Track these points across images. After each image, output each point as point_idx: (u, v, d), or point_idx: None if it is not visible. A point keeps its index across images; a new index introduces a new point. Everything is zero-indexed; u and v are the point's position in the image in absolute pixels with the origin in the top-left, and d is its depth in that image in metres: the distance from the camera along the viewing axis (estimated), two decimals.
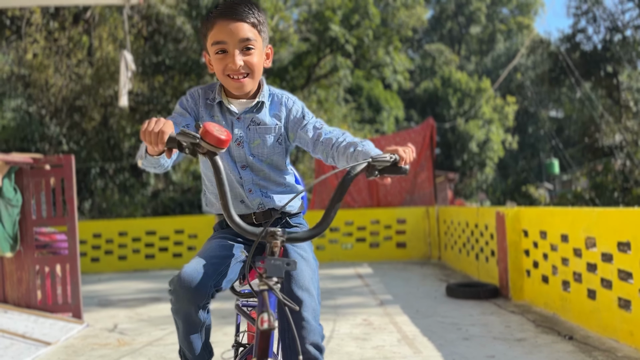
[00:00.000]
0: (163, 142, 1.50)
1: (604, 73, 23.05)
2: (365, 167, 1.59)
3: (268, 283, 1.44)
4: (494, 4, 46.35)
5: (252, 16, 1.83)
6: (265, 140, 1.93)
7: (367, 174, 1.60)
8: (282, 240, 1.52)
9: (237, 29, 1.80)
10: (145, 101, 16.38)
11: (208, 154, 1.54)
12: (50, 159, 4.95)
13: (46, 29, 15.71)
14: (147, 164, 1.75)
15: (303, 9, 21.17)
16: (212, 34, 1.83)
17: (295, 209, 2.04)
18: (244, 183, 1.93)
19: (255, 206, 1.95)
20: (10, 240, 4.71)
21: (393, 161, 1.59)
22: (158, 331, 4.57)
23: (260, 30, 1.86)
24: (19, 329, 4.33)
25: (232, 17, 1.80)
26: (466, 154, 33.82)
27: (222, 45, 1.82)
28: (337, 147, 1.83)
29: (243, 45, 1.82)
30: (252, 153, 1.92)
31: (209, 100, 1.94)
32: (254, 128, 1.92)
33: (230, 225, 1.55)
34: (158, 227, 9.46)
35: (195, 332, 1.81)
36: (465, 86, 35.16)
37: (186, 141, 1.52)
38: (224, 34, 1.80)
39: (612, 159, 17.19)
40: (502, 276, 5.49)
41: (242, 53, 1.82)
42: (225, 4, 1.85)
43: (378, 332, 4.25)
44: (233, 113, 1.91)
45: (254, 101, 1.92)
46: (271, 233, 1.52)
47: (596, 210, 4.00)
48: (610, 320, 3.70)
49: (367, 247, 9.26)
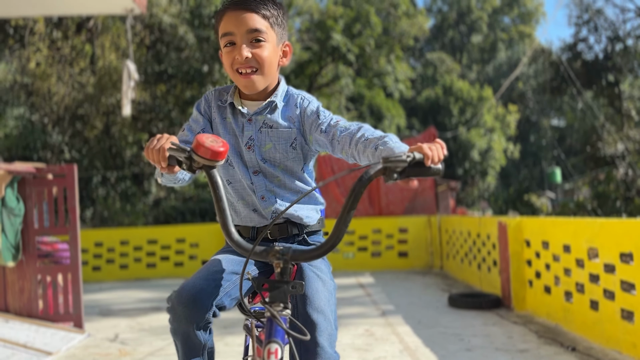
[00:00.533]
0: (165, 159, 1.45)
1: (605, 82, 23.08)
2: (380, 170, 1.34)
3: (271, 311, 1.32)
4: (495, 13, 46.54)
5: (264, 8, 1.71)
6: (277, 145, 1.78)
7: (385, 178, 1.34)
8: (284, 259, 1.36)
9: (245, 19, 1.69)
10: (147, 110, 16.42)
11: (204, 168, 1.43)
12: (52, 169, 4.96)
13: (49, 38, 15.80)
14: (165, 181, 1.69)
15: (305, 18, 21.27)
16: (221, 26, 1.73)
17: (314, 221, 1.85)
18: (256, 189, 1.80)
19: (269, 215, 1.80)
20: (13, 249, 4.71)
21: (411, 161, 1.32)
22: (159, 341, 4.56)
23: (274, 23, 1.74)
24: (21, 338, 4.32)
25: (242, 7, 1.70)
26: (468, 163, 33.83)
27: (230, 36, 1.70)
28: (357, 145, 1.61)
29: (252, 36, 1.69)
30: (264, 157, 1.79)
31: (221, 102, 1.85)
32: (266, 131, 1.78)
33: (228, 242, 1.43)
34: (159, 236, 9.46)
35: (196, 355, 1.66)
36: (466, 95, 35.24)
37: (180, 156, 1.42)
38: (232, 24, 1.70)
39: (614, 169, 17.18)
40: (504, 286, 5.47)
41: (250, 45, 1.70)
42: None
43: (380, 342, 4.24)
44: (244, 114, 1.80)
45: (266, 102, 1.79)
46: (273, 251, 1.37)
47: (598, 221, 3.99)
48: (613, 332, 3.69)
49: (369, 257, 9.24)
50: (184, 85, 16.62)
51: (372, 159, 1.56)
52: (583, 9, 23.89)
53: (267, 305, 1.34)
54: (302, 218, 1.81)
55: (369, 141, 1.57)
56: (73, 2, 7.40)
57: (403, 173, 1.34)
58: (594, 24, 23.58)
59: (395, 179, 1.33)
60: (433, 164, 1.34)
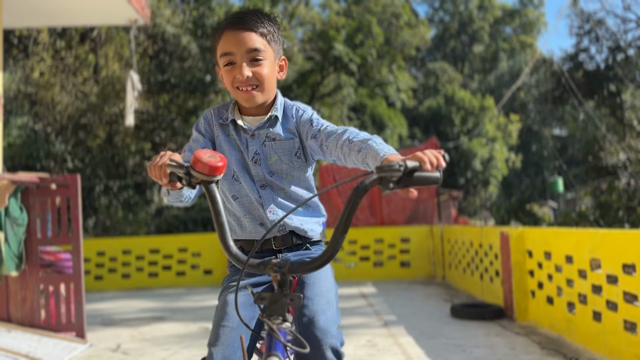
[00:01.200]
0: (166, 175, 1.47)
1: (607, 92, 23.11)
2: (376, 180, 1.32)
3: (270, 324, 1.31)
4: (497, 23, 46.74)
5: (262, 26, 1.74)
6: (282, 156, 1.82)
7: (382, 188, 1.31)
8: (282, 272, 1.35)
9: (244, 39, 1.72)
10: (150, 119, 16.49)
11: (202, 183, 1.45)
12: (56, 179, 4.98)
13: (53, 48, 15.89)
14: (172, 200, 1.70)
15: (307, 28, 21.38)
16: (220, 45, 1.75)
17: (317, 235, 1.87)
18: (264, 203, 1.81)
19: (276, 228, 1.80)
20: (16, 259, 4.72)
21: (405, 170, 1.28)
22: (161, 351, 4.56)
23: (271, 40, 1.77)
24: (23, 348, 4.32)
25: (240, 26, 1.72)
26: (470, 172, 33.84)
27: (230, 56, 1.73)
28: (342, 148, 1.64)
29: (251, 55, 1.73)
30: (271, 170, 1.82)
31: (222, 119, 1.86)
32: (270, 144, 1.81)
33: (226, 255, 1.43)
34: (162, 245, 9.46)
35: None
36: (468, 104, 35.32)
37: (179, 172, 1.44)
38: (231, 44, 1.72)
39: (616, 179, 17.16)
40: (506, 297, 5.46)
41: (250, 64, 1.73)
42: (234, 14, 1.78)
43: (382, 353, 4.23)
44: (247, 130, 1.82)
45: (267, 116, 1.83)
46: (270, 264, 1.36)
47: (601, 232, 3.99)
48: (616, 343, 3.68)
49: (371, 266, 9.23)
50: (186, 94, 16.70)
51: (357, 161, 1.59)
52: (584, 19, 23.98)
53: (266, 319, 1.33)
54: (306, 231, 1.83)
55: (353, 144, 1.60)
56: (78, 14, 7.46)
57: (400, 182, 1.30)
58: (595, 34, 23.65)
59: (392, 188, 1.30)
60: (430, 171, 1.30)
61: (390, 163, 1.28)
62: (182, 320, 5.92)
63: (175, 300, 7.64)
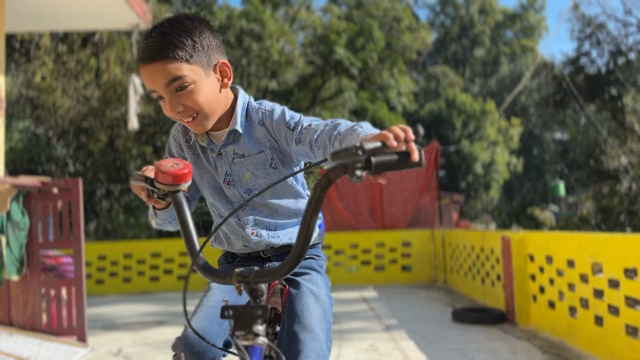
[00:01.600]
0: (144, 189, 1.42)
1: (608, 96, 23.12)
2: (340, 169, 1.11)
3: (237, 343, 1.18)
4: (498, 26, 46.79)
5: (172, 48, 1.45)
6: (256, 171, 1.63)
7: (350, 177, 1.10)
8: (246, 281, 1.22)
9: (158, 72, 1.46)
10: (151, 123, 16.51)
11: (170, 195, 1.35)
12: (58, 183, 4.99)
13: (55, 52, 15.94)
14: (160, 222, 1.61)
15: (308, 33, 21.43)
16: (144, 82, 1.52)
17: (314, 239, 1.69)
18: (244, 225, 1.67)
19: (263, 247, 1.68)
20: (17, 263, 4.73)
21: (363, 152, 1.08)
22: (162, 355, 4.55)
23: (189, 57, 1.47)
24: (24, 352, 4.32)
25: (148, 61, 1.46)
26: (471, 176, 33.85)
27: (155, 93, 1.51)
28: (334, 144, 1.43)
29: (173, 86, 1.48)
30: (248, 188, 1.65)
31: (187, 139, 1.70)
32: (239, 161, 1.63)
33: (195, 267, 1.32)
34: (163, 249, 9.46)
35: None
36: (469, 108, 35.35)
37: (147, 187, 1.37)
38: (148, 81, 1.49)
39: (618, 183, 17.16)
40: (508, 301, 5.46)
41: (177, 95, 1.49)
42: (143, 43, 1.51)
43: (384, 358, 4.22)
44: (213, 149, 1.64)
45: (226, 131, 1.62)
46: (233, 275, 1.23)
47: (602, 236, 3.99)
48: (618, 347, 3.67)
49: (372, 270, 9.22)
50: None
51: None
52: (585, 23, 23.99)
53: (234, 338, 1.18)
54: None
55: (342, 136, 1.40)
56: (79, 18, 7.49)
57: (370, 169, 1.10)
58: (596, 38, 23.66)
59: (360, 176, 1.10)
60: (396, 148, 1.11)
61: (346, 147, 1.10)
62: (183, 325, 5.90)
63: (176, 304, 7.64)
